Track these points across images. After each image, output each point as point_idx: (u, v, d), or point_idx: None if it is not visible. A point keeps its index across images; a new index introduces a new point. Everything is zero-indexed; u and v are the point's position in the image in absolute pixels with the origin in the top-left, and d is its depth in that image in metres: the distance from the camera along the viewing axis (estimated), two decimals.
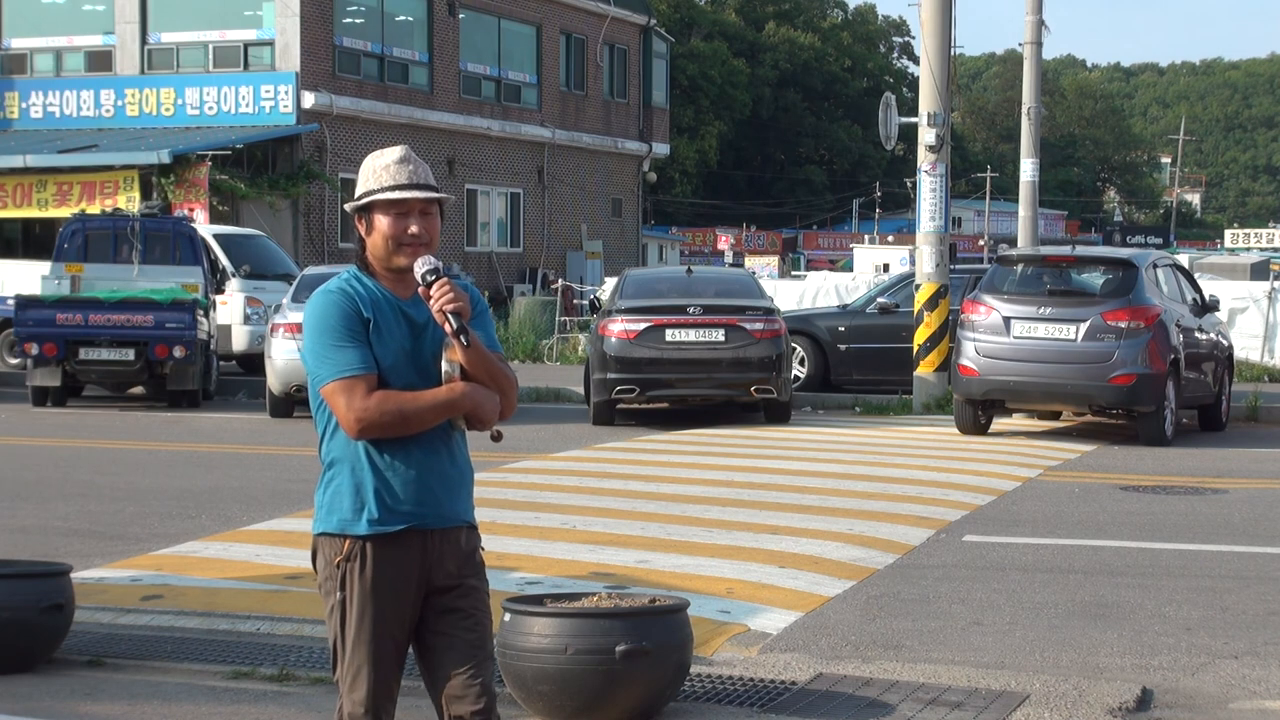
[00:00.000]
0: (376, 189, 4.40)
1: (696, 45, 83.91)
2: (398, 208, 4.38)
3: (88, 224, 22.51)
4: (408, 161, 4.42)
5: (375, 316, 4.37)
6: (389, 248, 4.39)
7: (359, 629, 4.39)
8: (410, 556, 4.38)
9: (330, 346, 4.32)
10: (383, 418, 4.29)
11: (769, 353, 18.09)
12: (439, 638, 4.44)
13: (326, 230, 35.86)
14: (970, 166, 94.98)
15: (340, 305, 4.36)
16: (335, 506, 4.38)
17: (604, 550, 9.80)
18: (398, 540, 4.37)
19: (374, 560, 4.36)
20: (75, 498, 12.59)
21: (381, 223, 4.39)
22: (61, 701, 6.90)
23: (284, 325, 18.97)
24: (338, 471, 4.39)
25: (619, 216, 47.81)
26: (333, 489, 4.40)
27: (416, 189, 4.39)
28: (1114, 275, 17.25)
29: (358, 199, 4.43)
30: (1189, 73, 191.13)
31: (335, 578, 4.39)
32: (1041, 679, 7.21)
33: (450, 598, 4.43)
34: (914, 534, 10.96)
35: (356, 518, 4.35)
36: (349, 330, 4.33)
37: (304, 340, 4.42)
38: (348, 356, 4.31)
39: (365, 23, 37.59)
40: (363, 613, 4.38)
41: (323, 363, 4.33)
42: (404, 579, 4.38)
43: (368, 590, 4.36)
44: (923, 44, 21.01)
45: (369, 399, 4.29)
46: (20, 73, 37.16)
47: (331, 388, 4.31)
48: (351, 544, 4.36)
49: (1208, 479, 14.31)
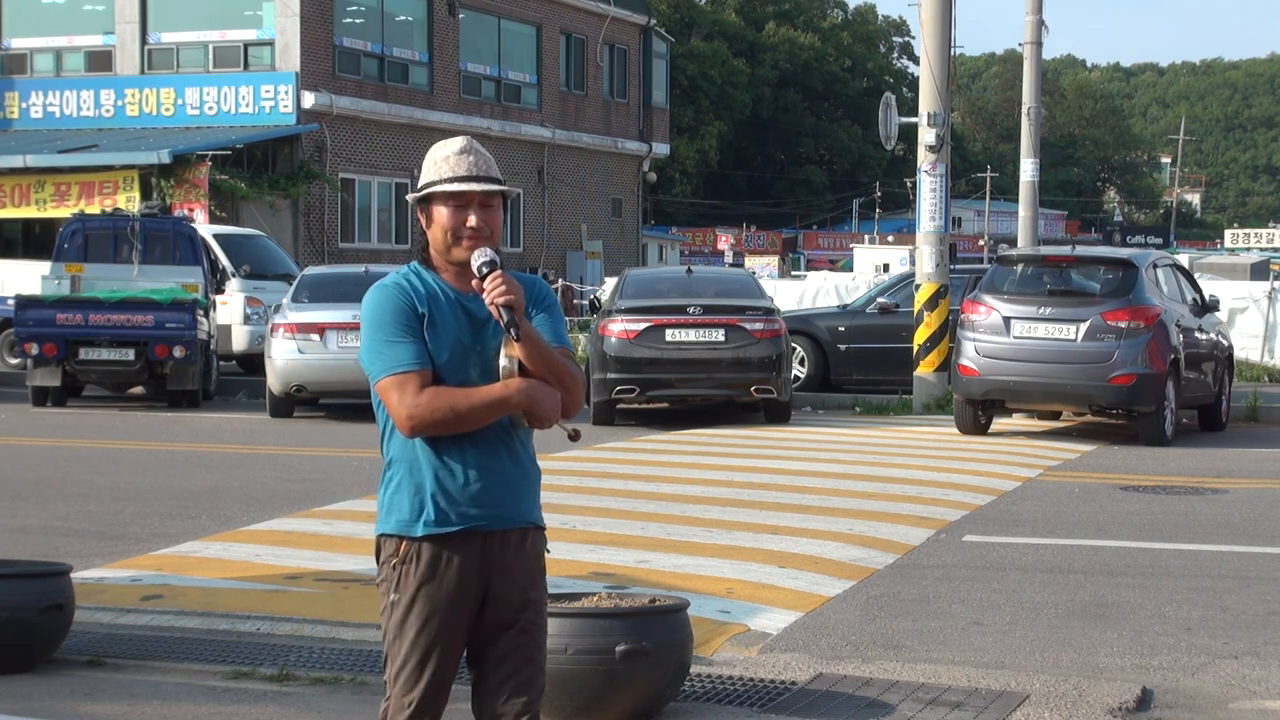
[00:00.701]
0: (436, 180, 4.30)
1: (696, 45, 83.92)
2: (457, 200, 4.29)
3: (88, 224, 22.51)
4: (468, 152, 4.32)
5: (431, 311, 4.26)
6: (447, 240, 4.29)
7: (412, 631, 4.27)
8: (469, 559, 4.27)
9: (384, 342, 4.22)
10: (434, 414, 4.18)
11: (769, 353, 18.10)
12: (491, 649, 4.32)
13: (326, 230, 35.86)
14: (970, 166, 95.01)
15: (394, 300, 4.26)
16: (395, 507, 4.29)
17: (604, 550, 9.80)
18: (455, 542, 4.26)
19: (430, 561, 4.25)
20: (75, 498, 12.59)
21: (441, 215, 4.30)
22: (61, 701, 6.90)
23: (284, 325, 18.98)
24: (397, 471, 4.30)
25: (619, 216, 47.82)
26: (393, 489, 4.31)
27: (476, 181, 4.29)
28: (1114, 275, 17.25)
29: (419, 190, 4.34)
30: (1189, 73, 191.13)
31: (391, 579, 4.30)
32: (1041, 679, 7.21)
33: (509, 610, 4.31)
34: (914, 534, 10.96)
35: (414, 519, 4.26)
36: (402, 325, 4.23)
37: (362, 336, 4.33)
38: (400, 352, 4.21)
39: (365, 23, 37.60)
40: (417, 614, 4.26)
41: (376, 359, 4.24)
42: (461, 582, 4.27)
43: (422, 591, 4.25)
44: (923, 44, 21.01)
45: (420, 395, 4.19)
46: (20, 73, 37.18)
47: (384, 384, 4.22)
48: (408, 545, 4.27)
49: (1208, 479, 14.31)
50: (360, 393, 19.85)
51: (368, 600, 8.42)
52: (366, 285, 18.15)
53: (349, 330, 18.85)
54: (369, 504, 11.98)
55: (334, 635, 7.85)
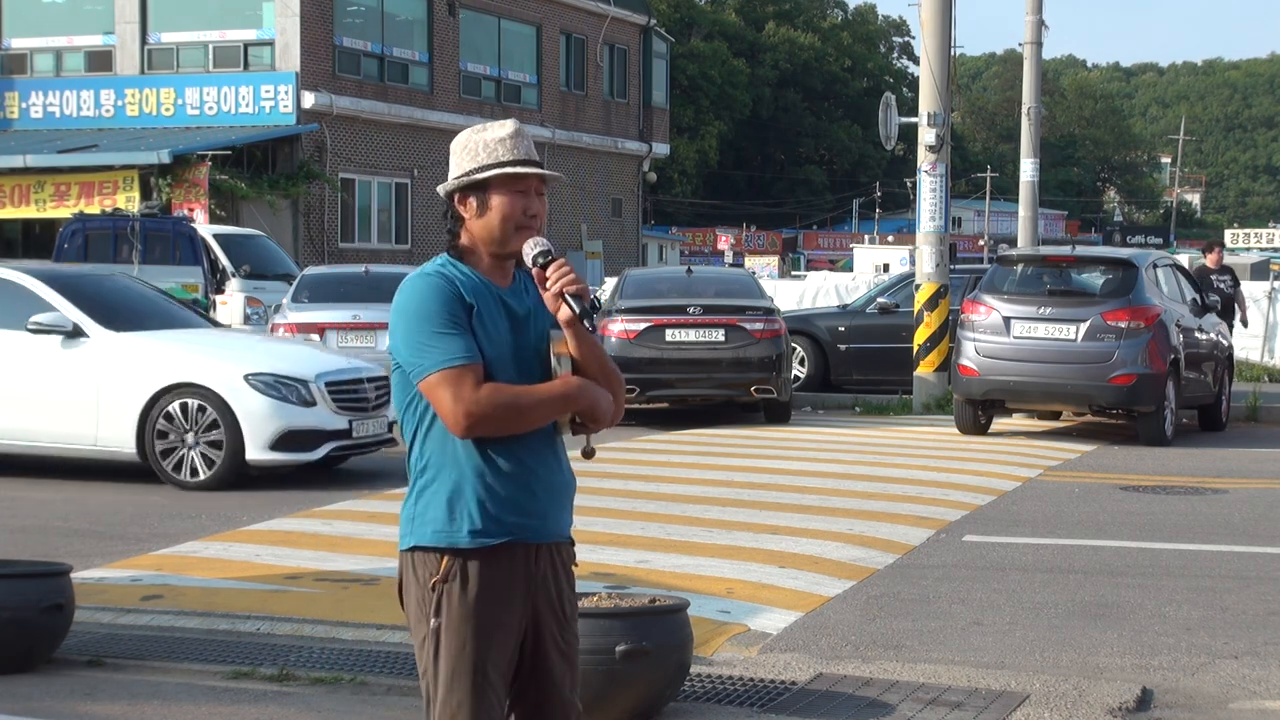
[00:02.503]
0: (492, 164, 3.94)
1: (696, 45, 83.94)
2: (519, 185, 3.95)
3: (88, 224, 22.55)
4: (522, 136, 3.99)
5: (477, 303, 3.91)
6: (506, 230, 3.94)
7: (459, 659, 3.85)
8: (515, 575, 3.92)
9: (432, 334, 3.83)
10: (494, 411, 3.81)
11: (769, 353, 18.10)
12: (529, 666, 4.01)
13: (326, 230, 35.87)
14: (970, 166, 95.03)
15: (442, 289, 3.88)
16: (430, 517, 3.90)
17: (604, 550, 9.80)
18: (501, 555, 3.89)
19: (477, 579, 3.86)
20: (75, 498, 12.59)
21: (501, 202, 3.94)
22: (61, 701, 6.89)
23: (284, 325, 18.98)
24: (434, 477, 3.90)
25: (619, 216, 47.83)
26: (426, 498, 3.91)
27: (537, 165, 3.98)
28: (1114, 275, 17.25)
29: (468, 175, 3.96)
30: (1189, 73, 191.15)
31: (429, 601, 3.87)
32: (1041, 679, 7.21)
33: (554, 627, 4.02)
34: (914, 534, 10.96)
35: (456, 529, 3.87)
36: (452, 316, 3.86)
37: (394, 330, 3.92)
38: (453, 344, 3.83)
39: (365, 23, 37.60)
40: (463, 640, 3.85)
41: (423, 352, 3.84)
42: (508, 599, 3.90)
43: (469, 613, 3.85)
44: (923, 44, 21.01)
45: (479, 391, 3.81)
46: (20, 73, 37.18)
47: (435, 379, 3.82)
48: (450, 561, 3.87)
49: (1208, 479, 14.31)
50: None
51: (368, 600, 8.43)
52: (367, 285, 18.01)
53: (349, 330, 18.87)
54: (369, 504, 11.99)
55: (334, 635, 7.85)
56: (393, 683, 7.11)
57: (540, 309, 4.01)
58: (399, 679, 7.14)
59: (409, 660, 7.40)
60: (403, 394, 3.95)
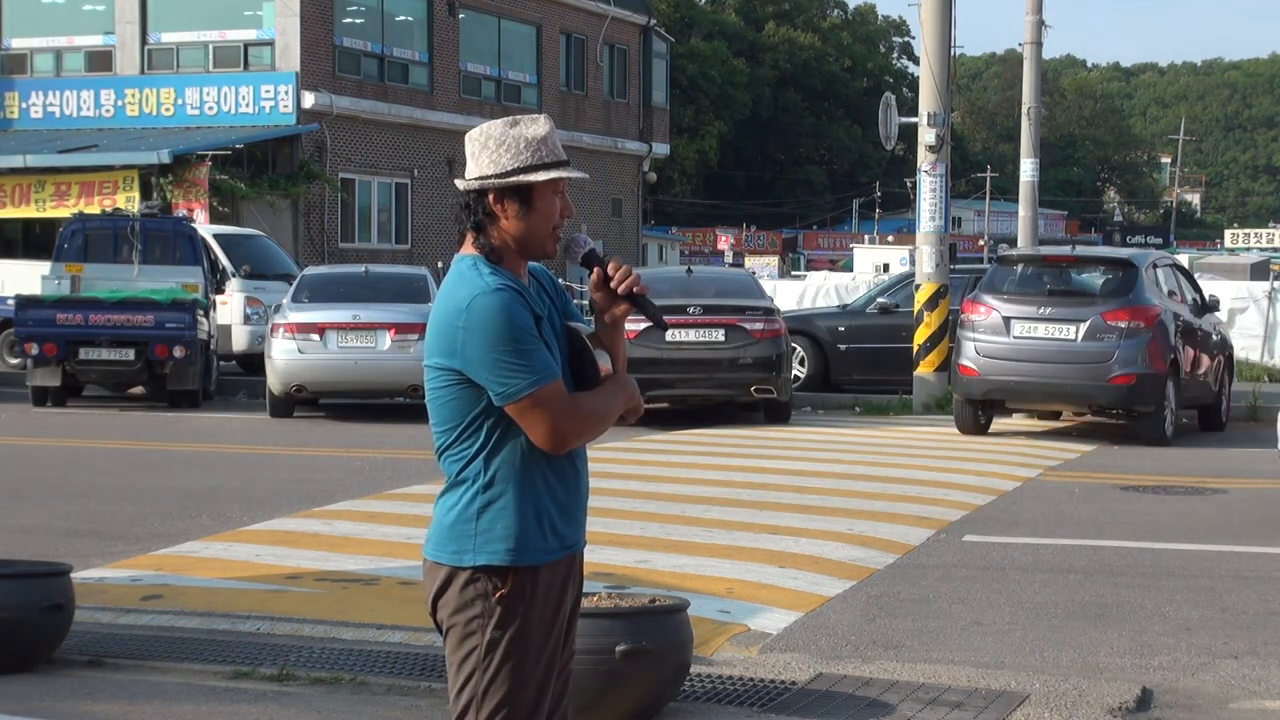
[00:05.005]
0: (539, 164, 3.82)
1: (696, 45, 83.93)
2: (559, 186, 3.87)
3: (88, 224, 22.51)
4: (554, 133, 3.88)
5: (537, 311, 3.82)
6: (546, 232, 3.87)
7: (516, 671, 3.82)
8: (565, 586, 3.92)
9: (522, 352, 3.70)
10: (587, 424, 3.79)
11: (769, 353, 18.10)
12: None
13: (326, 230, 35.85)
14: (970, 166, 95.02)
15: (518, 304, 3.74)
16: (498, 534, 3.80)
17: (604, 550, 9.80)
18: (558, 568, 3.89)
19: (542, 592, 3.84)
20: (75, 498, 12.59)
21: (545, 204, 3.84)
22: (61, 701, 6.89)
23: (284, 325, 18.97)
24: (500, 492, 3.80)
25: (619, 216, 47.82)
26: (492, 514, 3.81)
27: (570, 166, 3.89)
28: (1114, 275, 17.25)
29: (512, 174, 3.81)
30: (1189, 73, 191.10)
31: (490, 614, 3.80)
32: (1041, 679, 7.21)
33: (570, 640, 4.03)
34: (914, 534, 10.96)
35: (530, 545, 3.81)
36: (531, 333, 3.74)
37: (466, 351, 3.73)
38: (544, 359, 3.74)
39: (365, 23, 37.59)
40: (524, 652, 3.82)
41: (510, 373, 3.70)
42: (559, 610, 3.92)
43: (531, 626, 3.83)
44: (923, 44, 21.01)
45: (575, 404, 3.78)
46: (20, 73, 37.16)
47: (529, 401, 3.71)
48: (518, 575, 3.81)
49: (1208, 479, 14.31)
50: (359, 392, 19.90)
51: (367, 600, 8.42)
52: (366, 285, 18.16)
53: (349, 330, 18.86)
54: (369, 504, 11.99)
55: (334, 635, 7.85)
56: (393, 683, 7.11)
57: (553, 308, 3.94)
58: (399, 679, 7.14)
59: (409, 660, 7.40)
60: (458, 410, 3.80)
